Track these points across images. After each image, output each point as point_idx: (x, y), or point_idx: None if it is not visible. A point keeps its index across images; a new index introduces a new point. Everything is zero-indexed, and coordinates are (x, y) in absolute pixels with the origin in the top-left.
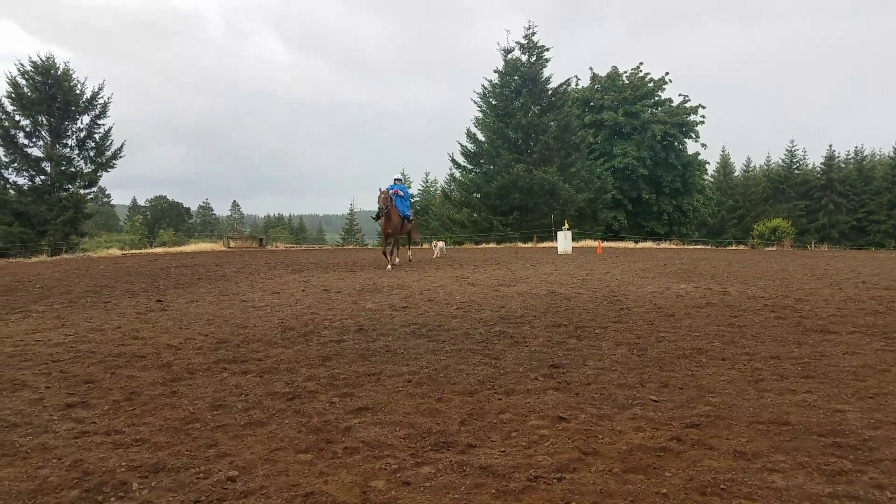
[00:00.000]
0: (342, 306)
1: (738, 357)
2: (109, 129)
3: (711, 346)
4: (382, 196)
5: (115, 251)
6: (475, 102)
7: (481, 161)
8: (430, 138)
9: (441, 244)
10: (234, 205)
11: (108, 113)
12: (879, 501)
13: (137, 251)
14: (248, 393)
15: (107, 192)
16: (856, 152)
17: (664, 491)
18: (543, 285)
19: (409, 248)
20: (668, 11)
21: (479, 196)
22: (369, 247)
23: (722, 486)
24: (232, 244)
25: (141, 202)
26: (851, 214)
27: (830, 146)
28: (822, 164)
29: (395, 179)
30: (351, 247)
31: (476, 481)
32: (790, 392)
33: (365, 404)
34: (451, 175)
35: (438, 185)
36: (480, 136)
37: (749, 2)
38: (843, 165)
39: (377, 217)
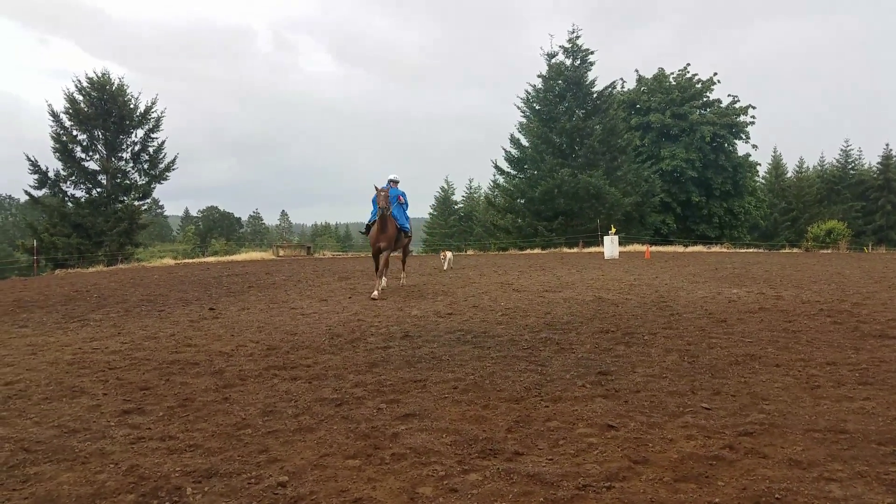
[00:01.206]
0: (388, 313)
1: (792, 363)
2: (163, 143)
3: (765, 352)
4: (383, 195)
5: (169, 261)
6: (519, 108)
7: (525, 166)
8: (475, 145)
9: (449, 254)
10: (283, 214)
11: (161, 126)
12: None
13: (190, 260)
14: (297, 399)
15: (160, 204)
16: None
17: (717, 500)
18: (590, 291)
19: (404, 270)
20: (715, 12)
21: (523, 202)
22: (413, 254)
23: (777, 495)
24: (281, 253)
25: (193, 213)
26: None
27: (887, 145)
28: (878, 163)
29: (390, 181)
30: (395, 254)
31: (524, 489)
32: (847, 399)
33: (411, 410)
34: (495, 181)
35: (482, 191)
36: (524, 142)
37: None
38: None
39: (369, 225)
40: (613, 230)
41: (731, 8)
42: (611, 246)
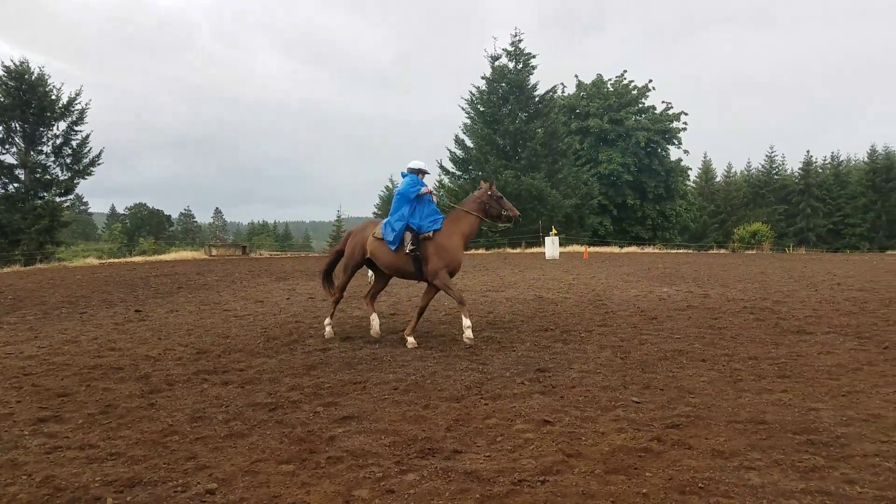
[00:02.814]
0: None
1: (717, 358)
2: (87, 136)
3: (692, 347)
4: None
5: (93, 260)
6: (463, 109)
7: (470, 167)
8: (421, 146)
9: None
10: (217, 212)
11: (86, 119)
12: (850, 496)
13: (116, 260)
14: (228, 404)
15: (84, 200)
16: (832, 157)
17: (644, 491)
18: (531, 290)
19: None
20: (657, 23)
21: None
22: None
23: (700, 484)
24: (214, 252)
25: (120, 210)
26: (828, 218)
27: (808, 152)
28: (800, 169)
29: (418, 171)
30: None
31: (461, 487)
32: (767, 392)
33: (350, 413)
34: (440, 181)
35: None
36: (469, 143)
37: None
38: (820, 171)
39: (421, 235)
40: (554, 231)
41: (673, 20)
42: (552, 247)
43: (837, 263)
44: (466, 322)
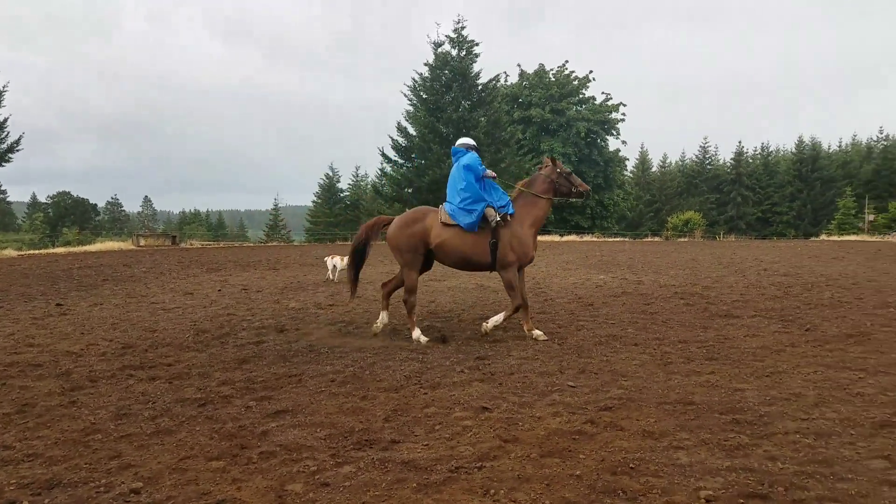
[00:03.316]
0: (262, 306)
1: (649, 342)
2: (5, 121)
3: (625, 332)
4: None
5: (11, 252)
6: (406, 96)
7: (413, 155)
8: (362, 133)
9: (337, 259)
10: (146, 200)
11: (3, 103)
12: (772, 472)
13: (37, 252)
14: (155, 400)
15: (2, 189)
16: (762, 148)
17: (578, 472)
18: (473, 280)
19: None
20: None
21: (410, 191)
22: (295, 243)
23: (631, 465)
24: (142, 242)
25: (42, 199)
26: (757, 206)
27: (740, 142)
28: (731, 159)
29: (475, 148)
30: (275, 244)
31: (397, 477)
32: (695, 373)
33: (284, 407)
34: (382, 169)
35: (370, 179)
36: (412, 130)
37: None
38: (750, 161)
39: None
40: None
41: (614, 13)
42: None
43: (765, 250)
44: (499, 318)
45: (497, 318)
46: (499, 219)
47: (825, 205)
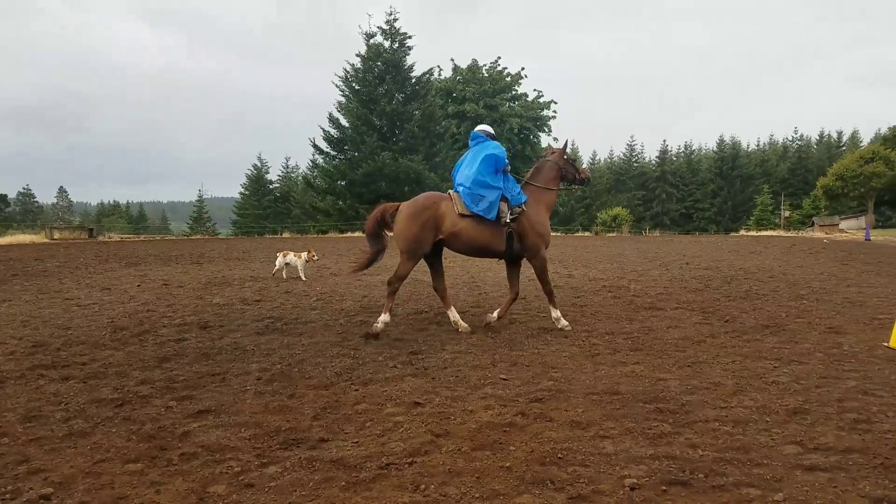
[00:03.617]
0: (185, 302)
1: (578, 334)
2: None
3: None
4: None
5: None
6: (338, 86)
7: (345, 147)
8: (291, 123)
9: (291, 256)
10: (61, 191)
11: None
12: (692, 459)
13: None
14: (68, 401)
15: None
16: (686, 147)
17: (508, 464)
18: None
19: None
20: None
21: (343, 183)
22: (220, 236)
23: (559, 455)
24: (56, 235)
25: None
26: (681, 203)
27: (665, 141)
28: (657, 157)
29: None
30: (199, 237)
31: (326, 475)
32: (621, 364)
33: (206, 406)
34: (314, 161)
35: (301, 171)
36: (344, 122)
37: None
38: (674, 159)
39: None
40: None
41: (548, 10)
42: None
43: (687, 245)
44: (556, 314)
45: (556, 314)
46: (510, 218)
47: (744, 202)
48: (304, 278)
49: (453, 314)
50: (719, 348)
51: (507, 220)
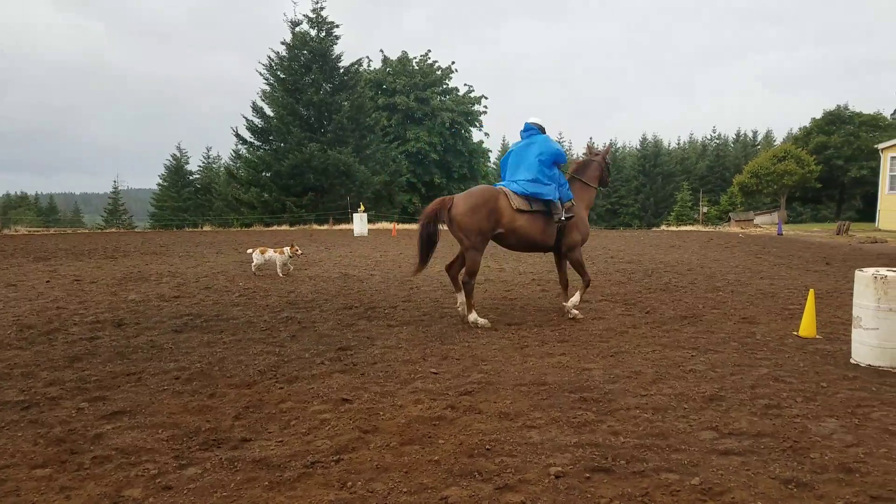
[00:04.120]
0: (98, 299)
1: (508, 327)
2: None
3: (486, 318)
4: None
5: None
6: (262, 74)
7: (270, 138)
8: (212, 110)
9: (271, 252)
10: None
11: None
12: (614, 446)
13: None
14: None
15: None
16: (611, 144)
17: (436, 458)
18: (337, 268)
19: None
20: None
21: (269, 175)
22: (137, 230)
23: (487, 446)
24: None
25: None
26: (607, 199)
27: (591, 138)
28: (583, 154)
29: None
30: (114, 230)
31: (248, 476)
32: (549, 355)
33: (121, 408)
34: (237, 151)
35: (223, 161)
36: (269, 111)
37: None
38: None
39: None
40: (363, 208)
41: (476, 5)
42: (360, 223)
43: (612, 239)
44: (576, 299)
45: (575, 299)
46: (568, 215)
47: (665, 198)
48: (281, 275)
49: (461, 298)
50: (640, 338)
51: (563, 217)
